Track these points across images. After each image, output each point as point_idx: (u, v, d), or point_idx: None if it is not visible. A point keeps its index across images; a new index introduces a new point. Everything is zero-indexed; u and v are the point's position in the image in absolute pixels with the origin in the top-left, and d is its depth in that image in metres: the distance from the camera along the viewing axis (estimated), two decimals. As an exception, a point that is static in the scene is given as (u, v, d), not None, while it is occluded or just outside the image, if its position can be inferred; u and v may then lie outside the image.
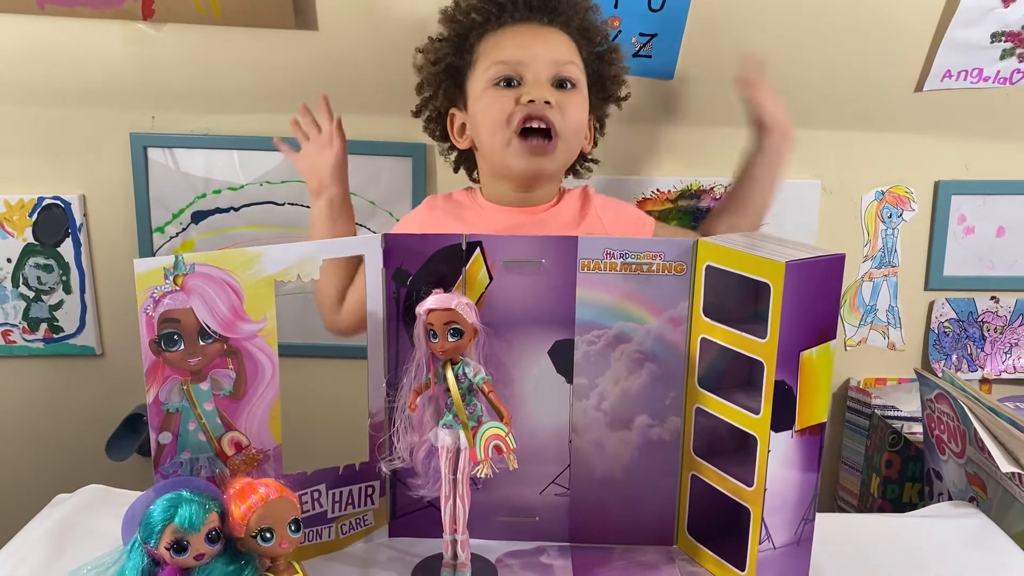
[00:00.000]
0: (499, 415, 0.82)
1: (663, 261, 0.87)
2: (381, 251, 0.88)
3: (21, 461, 1.65)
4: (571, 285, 0.89)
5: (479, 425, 0.82)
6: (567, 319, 0.89)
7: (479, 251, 0.88)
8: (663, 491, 0.93)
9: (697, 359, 0.88)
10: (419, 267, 0.89)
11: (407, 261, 0.89)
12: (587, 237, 0.88)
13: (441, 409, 0.84)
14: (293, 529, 0.73)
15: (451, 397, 0.82)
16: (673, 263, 0.87)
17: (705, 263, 0.86)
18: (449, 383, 0.81)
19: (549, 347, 0.90)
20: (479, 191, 1.18)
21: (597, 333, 0.90)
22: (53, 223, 1.55)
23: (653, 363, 0.90)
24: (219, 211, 1.52)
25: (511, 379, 0.90)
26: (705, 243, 0.86)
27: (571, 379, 0.91)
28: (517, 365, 0.90)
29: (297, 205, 1.54)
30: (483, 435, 0.81)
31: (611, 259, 0.88)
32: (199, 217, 1.53)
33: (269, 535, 0.72)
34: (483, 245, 0.88)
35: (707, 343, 0.87)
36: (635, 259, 0.88)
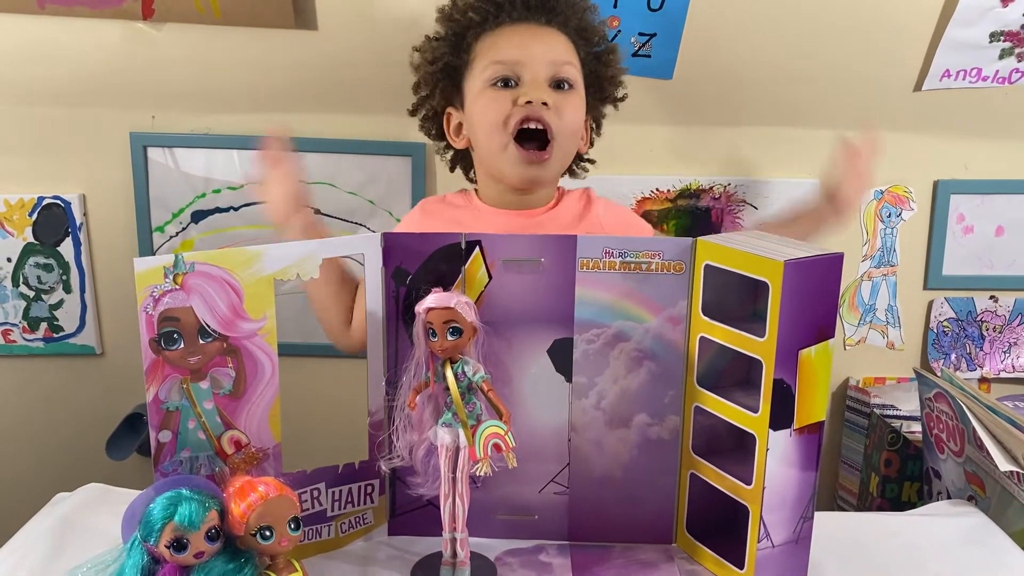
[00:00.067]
0: (498, 414, 0.82)
1: (662, 260, 0.87)
2: (380, 250, 0.89)
3: (21, 460, 1.66)
4: (570, 284, 0.89)
5: (478, 423, 0.82)
6: (566, 318, 0.90)
7: (478, 250, 0.88)
8: (662, 489, 0.93)
9: (696, 358, 0.88)
10: (418, 266, 0.89)
11: (406, 260, 0.89)
12: (586, 236, 0.88)
13: (440, 408, 0.84)
14: (292, 527, 0.73)
15: (450, 396, 0.82)
16: (672, 262, 0.87)
17: (704, 262, 0.86)
18: (448, 382, 0.82)
19: (548, 346, 0.90)
20: (474, 193, 1.18)
21: (596, 332, 0.90)
22: (53, 222, 1.55)
23: (652, 362, 0.90)
24: (219, 210, 1.52)
25: (510, 378, 0.91)
26: (704, 242, 0.86)
27: (570, 378, 0.91)
28: (516, 364, 0.91)
29: (297, 204, 1.54)
30: (482, 433, 0.81)
31: (610, 258, 0.88)
32: (199, 216, 1.53)
33: (269, 533, 0.72)
34: (482, 244, 0.88)
35: (706, 342, 0.87)
36: (634, 258, 0.88)
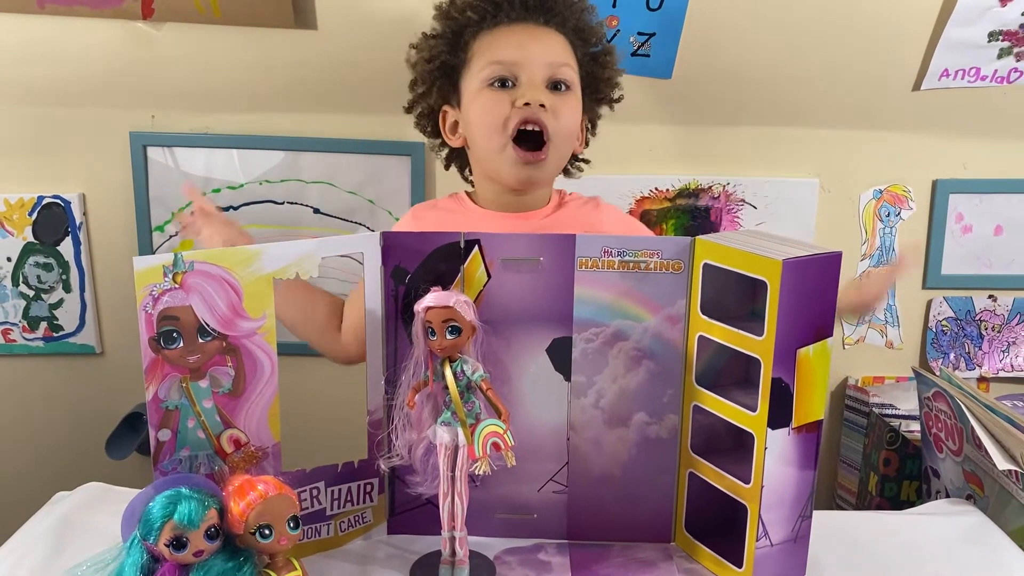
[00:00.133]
0: (497, 412, 0.82)
1: (661, 259, 0.88)
2: (379, 249, 0.89)
3: (21, 459, 1.66)
4: (569, 283, 0.89)
5: (477, 422, 0.82)
6: (565, 317, 0.90)
7: (477, 249, 0.88)
8: (661, 488, 0.93)
9: (695, 357, 0.89)
10: (417, 265, 0.89)
11: (405, 259, 0.89)
12: (585, 235, 0.88)
13: (439, 406, 0.84)
14: (292, 526, 0.73)
15: (449, 395, 0.82)
16: (671, 261, 0.87)
17: (703, 261, 0.86)
18: (447, 381, 0.82)
19: (547, 345, 0.91)
20: (466, 196, 1.17)
21: (595, 331, 0.90)
22: (53, 222, 1.55)
23: (651, 361, 0.90)
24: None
25: (509, 377, 0.91)
26: (703, 241, 0.86)
27: (569, 377, 0.91)
28: (515, 363, 0.91)
29: (297, 204, 1.54)
30: (481, 432, 0.81)
31: (609, 257, 0.88)
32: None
33: (268, 532, 0.72)
34: (481, 243, 0.88)
35: (705, 341, 0.87)
36: (633, 257, 0.88)
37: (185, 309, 0.81)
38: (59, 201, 1.54)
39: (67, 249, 1.56)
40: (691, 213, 1.56)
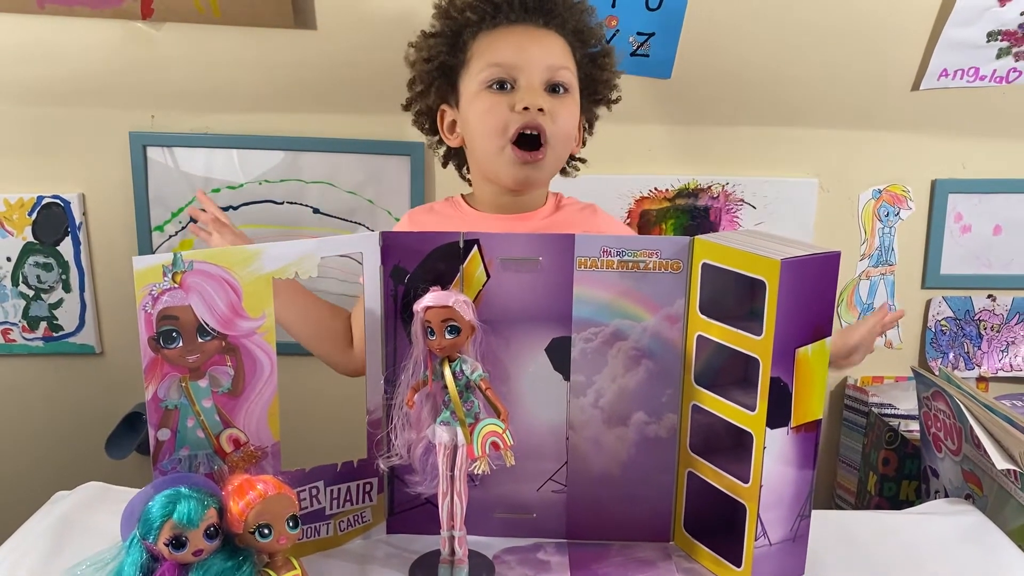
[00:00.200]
0: (496, 412, 0.82)
1: (660, 259, 0.88)
2: (379, 249, 0.89)
3: (21, 459, 1.66)
4: (568, 283, 0.89)
5: (476, 422, 0.82)
6: (564, 316, 0.90)
7: (476, 249, 0.88)
8: (660, 488, 0.93)
9: (693, 356, 0.89)
10: (417, 265, 0.89)
11: (405, 259, 0.89)
12: (584, 235, 0.88)
13: (439, 406, 0.84)
14: (291, 525, 0.73)
15: (448, 394, 0.82)
16: (670, 261, 0.88)
17: (701, 261, 0.86)
18: (447, 380, 0.82)
19: (546, 344, 0.91)
20: (462, 199, 1.17)
21: (594, 330, 0.90)
22: (53, 222, 1.55)
23: (650, 360, 0.90)
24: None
25: (508, 376, 0.91)
26: (702, 241, 0.86)
27: (568, 376, 0.91)
28: (514, 362, 0.91)
29: (296, 204, 1.54)
30: (480, 432, 0.81)
31: (608, 257, 0.88)
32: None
33: (267, 531, 0.72)
34: (480, 243, 0.88)
35: (703, 340, 0.88)
36: (632, 257, 0.88)
37: (185, 309, 0.81)
38: (59, 201, 1.54)
39: (67, 249, 1.57)
40: (690, 213, 1.56)
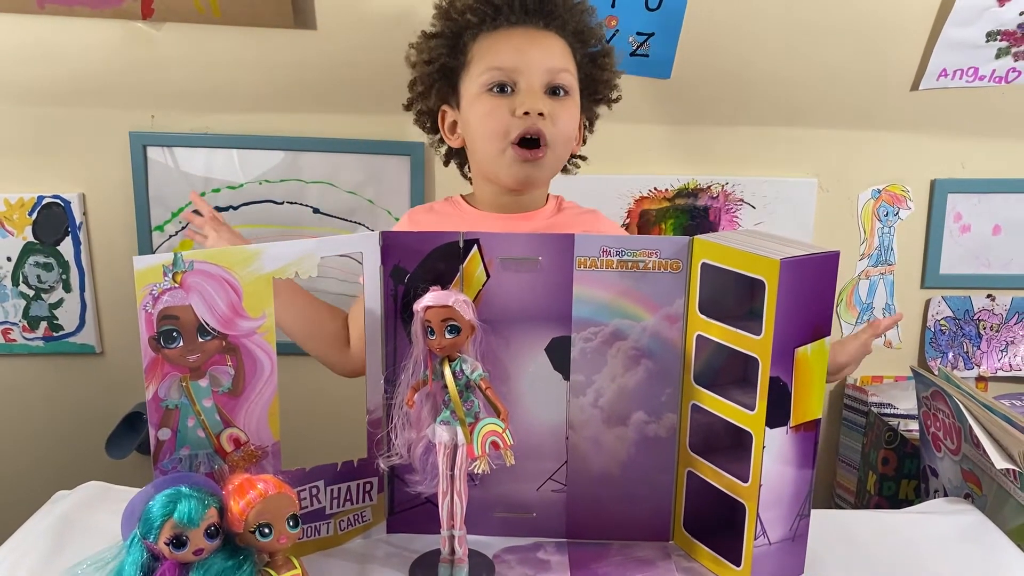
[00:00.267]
0: (496, 411, 0.82)
1: (659, 259, 0.88)
2: (379, 248, 0.89)
3: (21, 458, 1.66)
4: (568, 282, 0.89)
5: (476, 421, 0.82)
6: (564, 316, 0.90)
7: (476, 249, 0.88)
8: (659, 487, 0.94)
9: (693, 356, 0.89)
10: (416, 264, 0.89)
11: (405, 258, 0.89)
12: (584, 235, 0.88)
13: (439, 406, 0.84)
14: (291, 525, 0.73)
15: (448, 394, 0.82)
16: (669, 260, 0.88)
17: (701, 260, 0.86)
18: (447, 380, 0.82)
19: (546, 344, 0.91)
20: (462, 199, 1.18)
21: (594, 330, 0.90)
22: (53, 222, 1.55)
23: (649, 360, 0.90)
24: (218, 210, 1.52)
25: (508, 376, 0.91)
26: (701, 240, 0.86)
27: (568, 376, 0.91)
28: (514, 362, 0.91)
29: (296, 204, 1.54)
30: (480, 431, 0.81)
31: (607, 256, 0.88)
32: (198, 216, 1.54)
33: (268, 531, 0.72)
34: (480, 243, 0.88)
35: (703, 340, 0.88)
36: (631, 256, 0.88)
37: (185, 308, 0.81)
38: (59, 201, 1.54)
39: (67, 249, 1.57)
40: (690, 213, 1.57)
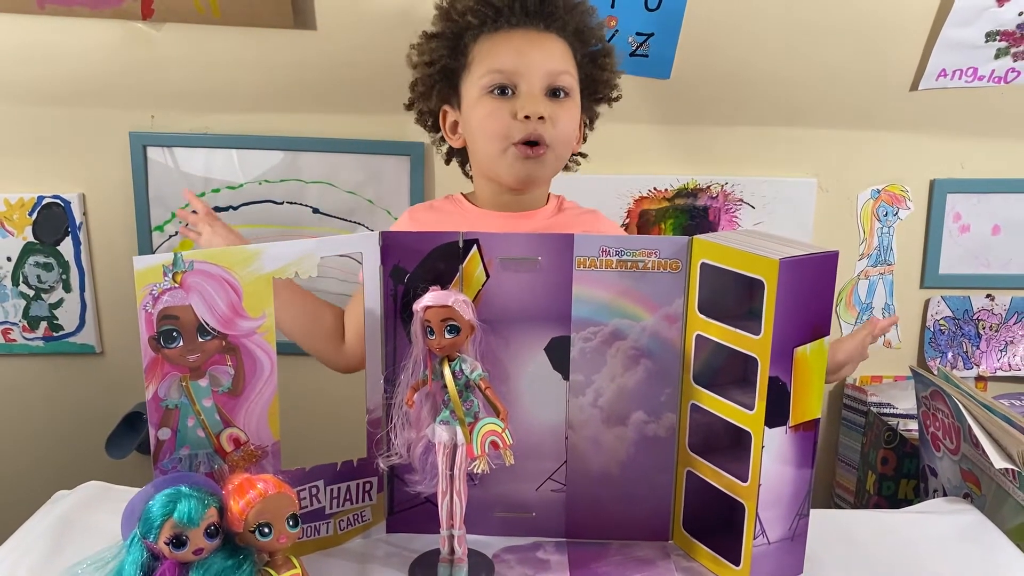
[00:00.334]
0: (496, 411, 0.82)
1: (658, 258, 0.88)
2: (378, 248, 0.89)
3: (21, 458, 1.66)
4: (567, 282, 0.89)
5: (476, 421, 0.82)
6: (563, 316, 0.90)
7: (476, 249, 0.88)
8: (659, 487, 0.94)
9: (692, 356, 0.89)
10: (416, 264, 0.89)
11: (404, 258, 0.89)
12: (583, 235, 0.88)
13: (438, 405, 0.85)
14: (291, 524, 0.73)
15: (448, 393, 0.82)
16: (668, 260, 0.88)
17: (700, 260, 0.86)
18: (446, 379, 0.82)
19: (545, 344, 0.91)
20: (463, 197, 1.18)
21: (593, 330, 0.90)
22: (53, 222, 1.55)
23: (649, 360, 0.90)
24: (218, 210, 1.52)
25: (508, 375, 0.91)
26: (700, 240, 0.86)
27: (567, 376, 0.91)
28: (514, 362, 0.91)
29: (296, 204, 1.54)
30: (480, 431, 0.82)
31: (607, 256, 0.88)
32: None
33: (267, 530, 0.72)
34: (480, 243, 0.88)
35: (702, 340, 0.88)
36: (631, 256, 0.88)
37: (185, 308, 0.81)
38: (59, 201, 1.54)
39: (67, 249, 1.57)
40: (689, 213, 1.57)
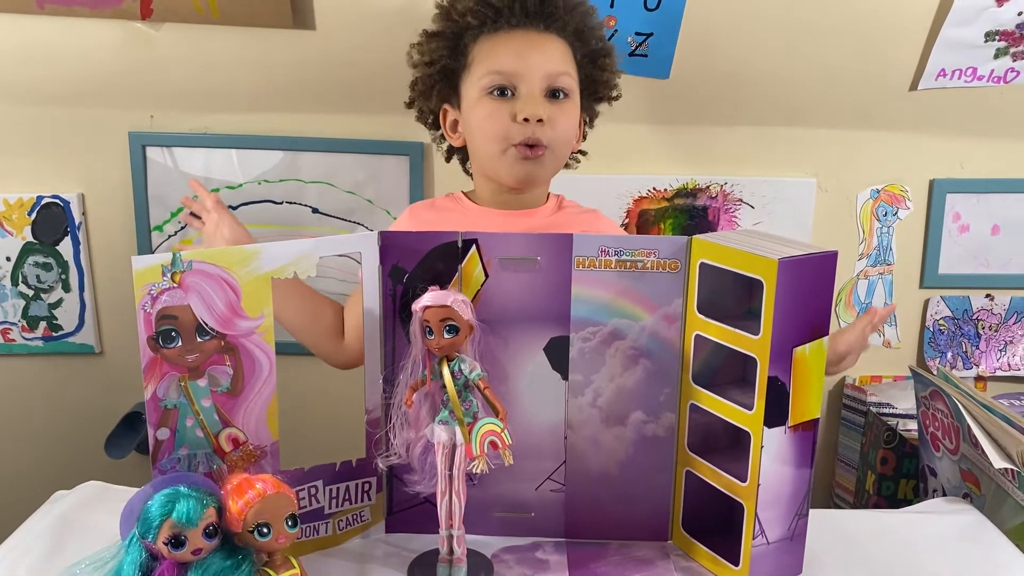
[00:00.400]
0: (495, 411, 0.82)
1: (658, 258, 0.88)
2: (377, 248, 0.89)
3: (20, 458, 1.66)
4: (566, 282, 0.89)
5: (475, 421, 0.82)
6: (562, 316, 0.90)
7: (475, 248, 0.88)
8: (658, 487, 0.94)
9: (691, 355, 0.89)
10: (415, 264, 0.89)
11: (403, 258, 0.89)
12: (582, 235, 0.88)
13: (437, 405, 0.85)
14: (290, 524, 0.73)
15: (447, 393, 0.82)
16: (667, 260, 0.88)
17: (699, 260, 0.86)
18: (445, 379, 0.82)
19: (545, 344, 0.91)
20: (463, 195, 1.18)
21: (592, 330, 0.90)
22: (52, 222, 1.55)
23: (648, 360, 0.90)
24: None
25: (507, 375, 0.91)
26: (699, 240, 0.86)
27: (566, 376, 0.91)
28: (513, 362, 0.91)
29: (295, 204, 1.54)
30: (479, 431, 0.82)
31: (606, 256, 0.88)
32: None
33: (266, 530, 0.72)
34: (479, 243, 0.88)
35: (701, 340, 0.88)
36: (630, 256, 0.88)
37: (184, 308, 0.81)
38: (58, 201, 1.54)
39: (66, 249, 1.57)
40: (689, 213, 1.57)
